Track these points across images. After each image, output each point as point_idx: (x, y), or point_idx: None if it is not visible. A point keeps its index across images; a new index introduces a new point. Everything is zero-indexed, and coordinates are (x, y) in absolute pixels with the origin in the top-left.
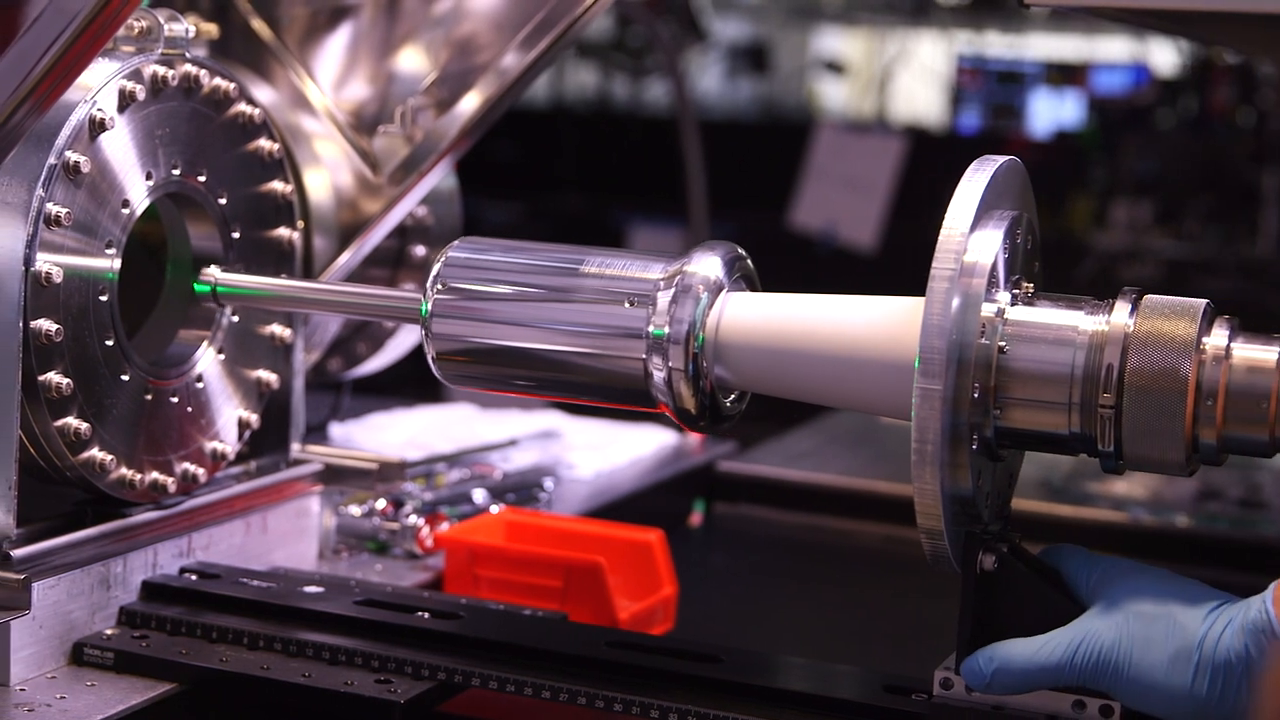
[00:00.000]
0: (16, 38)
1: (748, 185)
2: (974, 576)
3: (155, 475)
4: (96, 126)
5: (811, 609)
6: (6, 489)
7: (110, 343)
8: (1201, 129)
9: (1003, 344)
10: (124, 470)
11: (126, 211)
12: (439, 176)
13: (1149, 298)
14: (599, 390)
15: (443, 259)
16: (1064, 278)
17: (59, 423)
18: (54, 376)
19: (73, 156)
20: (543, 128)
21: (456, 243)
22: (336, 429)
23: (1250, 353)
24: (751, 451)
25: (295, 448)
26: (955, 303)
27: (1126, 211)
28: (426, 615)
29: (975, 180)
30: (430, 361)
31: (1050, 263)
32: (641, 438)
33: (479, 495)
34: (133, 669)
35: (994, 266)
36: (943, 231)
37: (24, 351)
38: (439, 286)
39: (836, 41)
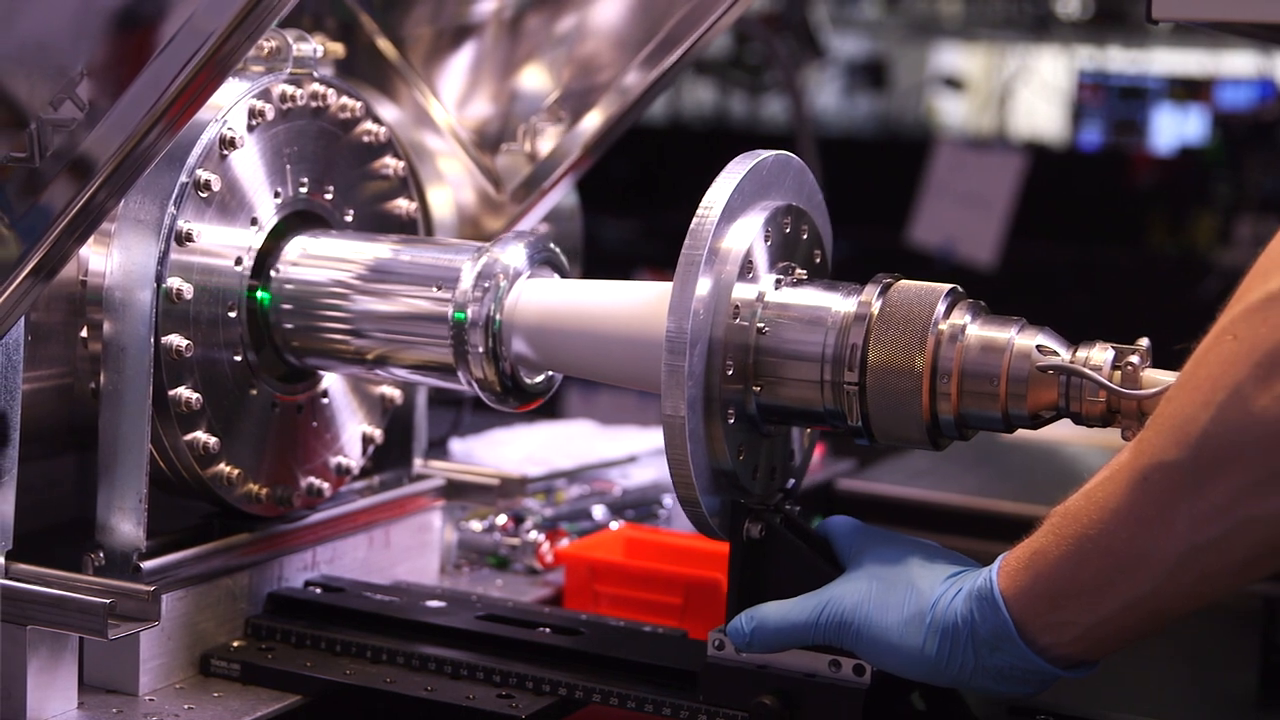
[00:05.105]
0: (151, 58)
1: (866, 202)
2: (741, 544)
3: (281, 489)
4: (226, 145)
5: None
6: (137, 502)
7: (239, 358)
8: None
9: (761, 325)
10: (251, 484)
11: (255, 229)
12: (560, 194)
13: (899, 284)
14: (418, 370)
15: (283, 251)
16: (1187, 295)
17: (188, 437)
18: (184, 391)
19: (203, 175)
20: (660, 145)
21: (298, 237)
22: (457, 445)
23: (985, 333)
24: (871, 469)
25: (417, 463)
26: (706, 285)
27: (1251, 228)
28: (547, 630)
29: (734, 171)
30: (277, 349)
31: (1173, 280)
32: None
33: (599, 511)
34: (258, 680)
35: (750, 252)
36: (694, 219)
37: (155, 366)
38: (276, 277)
39: (956, 57)
